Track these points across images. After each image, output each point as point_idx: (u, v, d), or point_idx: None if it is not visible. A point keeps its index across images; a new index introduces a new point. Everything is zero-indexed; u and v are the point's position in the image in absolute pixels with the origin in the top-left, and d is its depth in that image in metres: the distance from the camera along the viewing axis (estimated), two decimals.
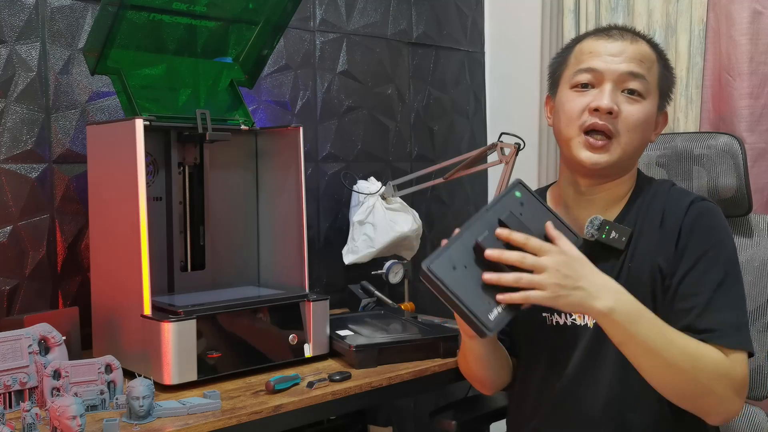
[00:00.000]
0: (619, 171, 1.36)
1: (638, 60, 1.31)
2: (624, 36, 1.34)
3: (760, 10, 1.98)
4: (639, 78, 1.31)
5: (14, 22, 1.61)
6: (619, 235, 1.32)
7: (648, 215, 1.35)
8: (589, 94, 1.32)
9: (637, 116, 1.31)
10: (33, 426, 1.18)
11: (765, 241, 1.67)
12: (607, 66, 1.31)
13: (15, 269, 1.62)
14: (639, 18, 2.15)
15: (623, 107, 1.30)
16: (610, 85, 1.30)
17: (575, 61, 1.36)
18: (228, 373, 1.47)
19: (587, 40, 1.37)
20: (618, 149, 1.31)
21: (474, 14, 2.57)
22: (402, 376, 1.51)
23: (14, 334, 1.30)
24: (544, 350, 1.39)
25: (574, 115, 1.33)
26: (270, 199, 1.75)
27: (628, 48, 1.32)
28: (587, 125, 1.31)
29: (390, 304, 1.99)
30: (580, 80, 1.33)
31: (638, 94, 1.31)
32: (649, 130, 1.35)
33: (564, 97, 1.36)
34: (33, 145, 1.64)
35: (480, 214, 1.19)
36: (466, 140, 2.55)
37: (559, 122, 1.37)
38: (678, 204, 1.33)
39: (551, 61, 1.46)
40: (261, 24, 1.72)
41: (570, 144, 1.34)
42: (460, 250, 1.15)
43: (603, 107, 1.29)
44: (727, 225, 1.34)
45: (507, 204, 1.21)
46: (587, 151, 1.31)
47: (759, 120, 2.00)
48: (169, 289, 1.66)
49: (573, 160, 1.35)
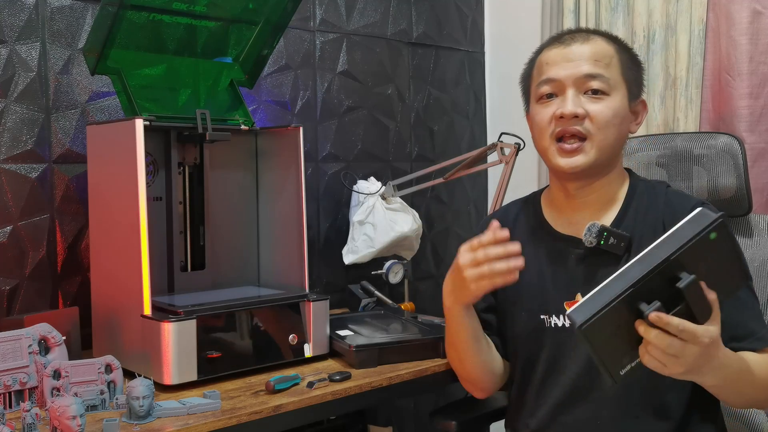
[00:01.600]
0: (601, 169, 1.36)
1: (593, 60, 1.33)
2: (576, 38, 1.36)
3: (759, 10, 1.98)
4: (598, 77, 1.33)
5: (14, 22, 1.61)
6: (618, 241, 1.32)
7: (646, 219, 1.35)
8: (553, 103, 1.35)
9: (605, 113, 1.33)
10: (33, 426, 1.18)
11: (765, 241, 1.67)
12: (564, 72, 1.34)
13: (15, 269, 1.62)
14: (639, 18, 2.15)
15: (589, 108, 1.32)
16: (572, 91, 1.33)
17: (537, 74, 1.40)
18: (228, 373, 1.47)
19: (544, 51, 1.40)
20: (592, 149, 1.33)
21: (474, 14, 2.57)
22: (402, 376, 1.51)
23: (14, 334, 1.30)
24: (542, 352, 1.38)
25: (544, 125, 1.36)
26: (270, 199, 1.75)
27: (582, 50, 1.34)
28: (557, 132, 1.34)
29: (390, 304, 1.99)
30: (544, 92, 1.37)
31: (601, 93, 1.33)
32: (623, 123, 1.36)
33: (533, 111, 1.40)
34: (33, 145, 1.64)
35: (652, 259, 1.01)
36: (466, 140, 2.55)
37: (534, 136, 1.41)
38: (680, 210, 1.32)
39: (521, 76, 1.48)
40: (261, 24, 1.72)
41: (546, 153, 1.37)
42: (617, 311, 1.00)
43: (567, 113, 1.32)
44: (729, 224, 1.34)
45: (696, 251, 1.01)
46: (562, 157, 1.34)
47: (759, 120, 2.00)
48: (169, 289, 1.66)
49: (553, 168, 1.38)
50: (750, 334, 1.29)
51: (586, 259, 1.35)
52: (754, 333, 1.29)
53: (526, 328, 1.40)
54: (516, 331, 1.43)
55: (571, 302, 1.35)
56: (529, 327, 1.40)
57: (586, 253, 1.35)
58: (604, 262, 1.33)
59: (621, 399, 1.31)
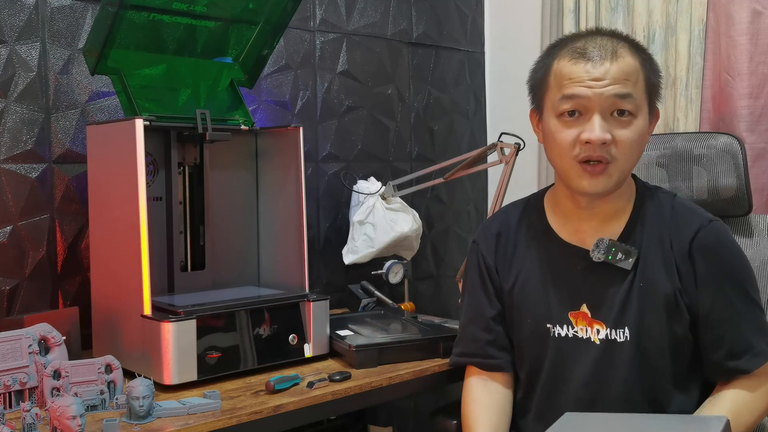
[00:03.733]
0: (619, 187, 1.33)
1: (623, 79, 1.25)
2: (603, 53, 1.26)
3: (759, 10, 1.97)
4: (627, 98, 1.25)
5: (14, 22, 1.61)
6: (626, 257, 1.30)
7: (653, 232, 1.33)
8: (578, 124, 1.27)
9: (631, 138, 1.27)
10: (33, 426, 1.18)
11: (765, 241, 1.67)
12: (592, 92, 1.25)
13: (15, 269, 1.62)
14: (639, 18, 2.15)
15: (616, 133, 1.26)
16: (599, 114, 1.25)
17: (556, 85, 1.30)
18: (228, 373, 1.47)
19: (564, 61, 1.29)
20: (616, 172, 1.28)
21: (474, 14, 2.57)
22: (402, 376, 1.51)
23: (14, 334, 1.30)
24: (546, 360, 1.37)
25: (566, 146, 1.28)
26: (270, 199, 1.75)
27: (610, 69, 1.25)
28: (582, 157, 1.27)
29: (390, 304, 1.99)
30: (566, 108, 1.27)
31: (629, 114, 1.27)
32: (644, 141, 1.32)
33: (552, 127, 1.31)
34: (33, 145, 1.64)
35: None
36: (466, 140, 2.55)
37: (552, 152, 1.33)
38: (687, 227, 1.32)
39: (530, 73, 1.39)
40: (261, 24, 1.72)
41: (568, 174, 1.31)
42: None
43: (595, 140, 1.24)
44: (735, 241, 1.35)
45: None
46: (586, 179, 1.28)
47: (759, 120, 2.00)
48: (169, 289, 1.66)
49: (574, 189, 1.32)
50: (748, 350, 1.28)
51: (592, 271, 1.34)
52: (753, 348, 1.28)
53: (532, 335, 1.39)
54: (522, 337, 1.41)
55: (575, 312, 1.35)
56: (535, 334, 1.38)
57: (593, 265, 1.33)
58: (610, 275, 1.32)
59: (625, 410, 1.30)
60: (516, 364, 1.44)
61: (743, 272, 1.32)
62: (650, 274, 1.31)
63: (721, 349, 1.29)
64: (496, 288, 1.44)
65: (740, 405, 1.26)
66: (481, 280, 1.46)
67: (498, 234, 1.46)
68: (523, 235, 1.44)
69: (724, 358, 1.28)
